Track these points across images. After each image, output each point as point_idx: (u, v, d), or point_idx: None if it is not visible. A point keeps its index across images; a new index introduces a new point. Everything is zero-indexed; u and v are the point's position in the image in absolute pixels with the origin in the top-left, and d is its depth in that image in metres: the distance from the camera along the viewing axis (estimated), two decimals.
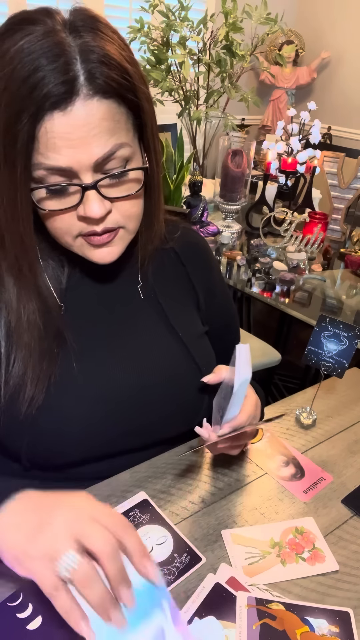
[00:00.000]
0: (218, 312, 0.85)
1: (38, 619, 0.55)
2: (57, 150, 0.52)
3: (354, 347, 0.84)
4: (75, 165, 0.53)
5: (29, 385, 0.63)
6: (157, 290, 0.75)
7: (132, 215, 0.62)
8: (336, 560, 0.65)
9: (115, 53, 0.53)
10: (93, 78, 0.51)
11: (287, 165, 1.87)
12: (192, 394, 0.74)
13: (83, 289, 0.70)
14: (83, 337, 0.68)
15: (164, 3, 1.90)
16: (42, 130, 0.51)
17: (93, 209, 0.56)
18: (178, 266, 0.79)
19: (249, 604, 0.58)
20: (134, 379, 0.70)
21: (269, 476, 0.78)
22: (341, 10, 3.13)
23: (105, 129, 0.53)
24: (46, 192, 0.56)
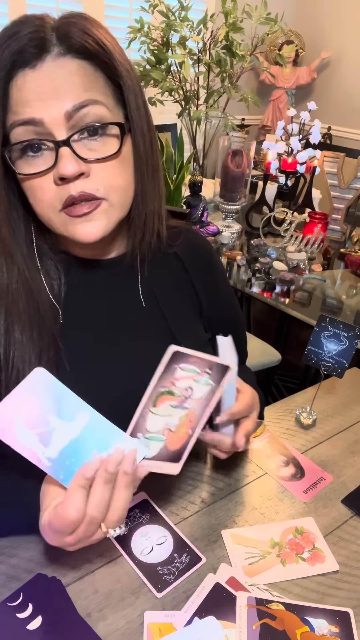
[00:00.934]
0: (222, 317, 0.82)
1: (38, 619, 0.55)
2: (28, 104, 0.53)
3: (354, 347, 0.84)
4: (46, 117, 0.53)
5: None
6: (159, 298, 0.73)
7: (114, 185, 0.59)
8: (336, 560, 0.65)
9: (93, 25, 0.55)
10: (66, 38, 0.53)
11: (287, 165, 1.87)
12: None
13: (82, 295, 0.68)
14: (79, 345, 0.66)
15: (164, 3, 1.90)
16: (14, 87, 0.53)
17: (66, 167, 0.54)
18: (181, 273, 0.77)
19: (249, 604, 0.58)
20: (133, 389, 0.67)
21: (269, 476, 0.78)
22: (341, 10, 3.13)
23: (79, 84, 0.54)
24: (21, 152, 0.55)
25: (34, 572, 0.60)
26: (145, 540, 0.64)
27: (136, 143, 0.61)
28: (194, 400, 0.56)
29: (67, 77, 0.53)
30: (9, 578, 0.59)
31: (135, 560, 0.62)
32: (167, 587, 0.59)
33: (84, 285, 0.69)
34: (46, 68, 0.53)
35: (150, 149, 0.63)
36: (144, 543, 0.64)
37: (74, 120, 0.54)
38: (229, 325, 0.85)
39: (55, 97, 0.53)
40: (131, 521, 0.67)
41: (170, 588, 0.59)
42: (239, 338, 0.90)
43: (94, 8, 2.44)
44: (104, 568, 0.61)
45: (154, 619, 0.56)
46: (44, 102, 0.53)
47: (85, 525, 0.51)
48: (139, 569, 0.61)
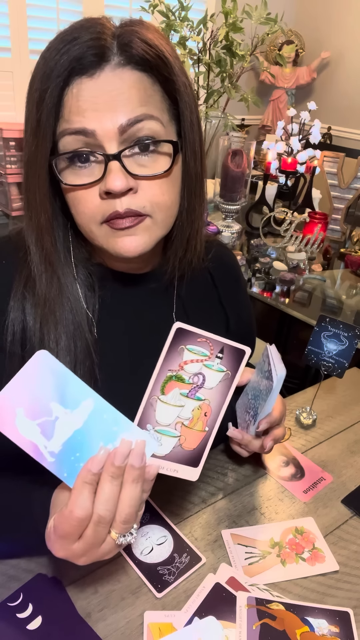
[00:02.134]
0: (243, 330, 0.83)
1: (38, 619, 0.55)
2: (82, 113, 0.51)
3: (354, 347, 0.84)
4: (99, 130, 0.51)
5: None
6: (190, 315, 0.72)
7: (160, 203, 0.57)
8: (336, 561, 0.65)
9: (155, 36, 0.53)
10: (127, 48, 0.51)
11: (287, 165, 1.87)
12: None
13: (115, 308, 0.67)
14: (111, 360, 0.64)
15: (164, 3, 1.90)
16: (69, 94, 0.51)
17: (115, 182, 0.52)
18: (210, 288, 0.76)
19: (249, 604, 0.58)
20: None
21: (269, 476, 0.78)
22: (341, 10, 3.13)
23: (135, 97, 0.52)
24: (69, 163, 0.54)
25: (34, 572, 0.60)
26: (145, 540, 0.64)
27: (187, 161, 0.59)
28: (207, 391, 0.54)
29: (124, 89, 0.52)
30: (9, 578, 0.59)
31: (135, 560, 0.62)
32: (167, 587, 0.59)
33: (118, 299, 0.67)
34: (104, 78, 0.51)
35: (200, 166, 0.61)
36: (144, 543, 0.64)
37: (127, 135, 0.53)
38: (247, 337, 0.84)
39: (111, 109, 0.51)
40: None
41: (170, 588, 0.59)
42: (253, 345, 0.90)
43: (94, 8, 2.44)
44: (104, 568, 0.61)
45: (154, 619, 0.56)
46: (99, 113, 0.51)
47: (93, 525, 0.47)
48: (139, 569, 0.61)
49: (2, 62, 2.26)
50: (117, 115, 0.51)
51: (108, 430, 0.48)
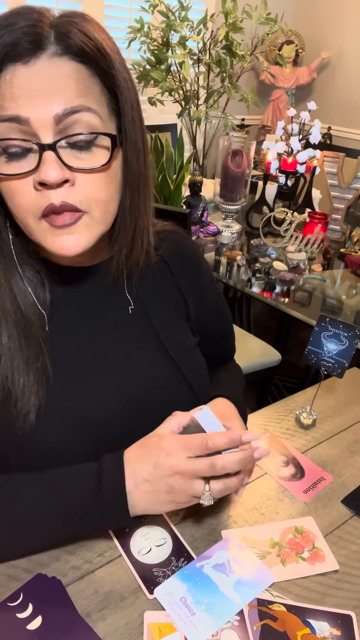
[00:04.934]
0: (210, 319, 0.81)
1: (38, 619, 0.55)
2: (15, 100, 0.49)
3: (354, 347, 0.84)
4: (33, 117, 0.50)
5: (21, 396, 0.60)
6: (146, 304, 0.71)
7: (97, 199, 0.56)
8: (336, 560, 0.65)
9: (94, 29, 0.52)
10: (65, 38, 0.50)
11: (287, 165, 1.87)
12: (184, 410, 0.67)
13: (67, 302, 0.66)
14: (66, 353, 0.64)
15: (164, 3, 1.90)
16: (2, 80, 0.50)
17: (49, 172, 0.50)
18: (167, 276, 0.75)
19: (250, 605, 0.58)
20: (121, 399, 0.66)
21: (269, 476, 0.78)
22: (341, 10, 3.13)
23: (72, 88, 0.51)
24: (1, 151, 0.52)
25: (34, 572, 0.59)
26: (144, 540, 0.64)
27: (127, 157, 0.58)
28: None
29: (61, 78, 0.50)
30: (9, 578, 0.59)
31: (132, 559, 0.62)
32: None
33: (68, 293, 0.66)
34: (40, 66, 0.50)
35: (143, 164, 0.60)
36: (143, 543, 0.64)
37: (63, 125, 0.51)
38: (218, 324, 0.85)
39: (46, 97, 0.50)
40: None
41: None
42: (229, 337, 0.90)
43: (94, 8, 2.44)
44: (104, 568, 0.61)
45: (154, 619, 0.56)
46: (33, 101, 0.49)
47: (209, 463, 0.55)
48: (134, 568, 0.61)
49: None
50: (53, 104, 0.50)
51: None
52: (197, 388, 0.72)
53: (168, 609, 0.56)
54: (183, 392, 0.71)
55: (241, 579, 0.60)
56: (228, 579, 0.60)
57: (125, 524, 0.64)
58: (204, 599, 0.58)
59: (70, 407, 0.63)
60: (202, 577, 0.60)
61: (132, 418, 0.67)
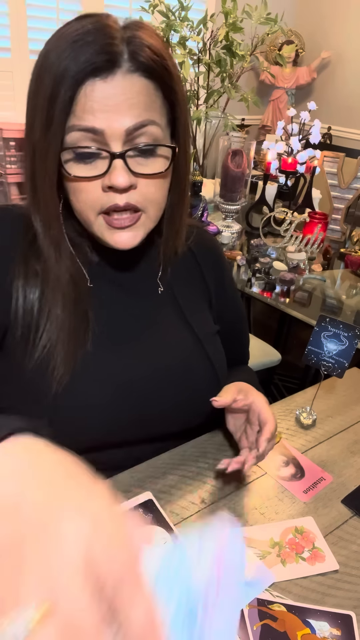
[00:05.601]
0: (227, 311, 0.86)
1: None
2: (93, 113, 0.56)
3: (354, 347, 0.84)
4: (107, 130, 0.56)
5: (59, 361, 0.64)
6: (175, 287, 0.78)
7: (154, 200, 0.63)
8: (336, 560, 0.65)
9: (159, 45, 0.59)
10: (136, 56, 0.56)
11: (287, 165, 1.87)
12: (204, 386, 0.76)
13: (107, 275, 0.72)
14: (103, 321, 0.70)
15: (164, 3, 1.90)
16: (82, 93, 0.55)
17: (119, 178, 0.58)
18: (193, 265, 0.81)
19: (250, 605, 0.58)
20: (149, 367, 0.72)
21: (269, 476, 0.78)
22: (341, 10, 3.13)
23: (142, 103, 0.57)
24: (75, 156, 0.58)
25: None
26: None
27: (178, 161, 0.65)
28: None
29: (133, 95, 0.56)
30: None
31: None
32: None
33: (108, 265, 0.72)
34: (116, 83, 0.56)
35: (187, 165, 0.68)
36: None
37: (131, 136, 0.58)
38: (234, 322, 0.90)
39: (120, 112, 0.56)
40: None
41: None
42: (243, 339, 0.95)
43: (94, 8, 2.44)
44: None
45: None
46: (108, 114, 0.56)
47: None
48: None
49: (2, 62, 2.26)
50: (125, 119, 0.57)
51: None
52: (218, 366, 0.78)
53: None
54: (205, 368, 0.76)
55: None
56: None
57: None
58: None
59: (102, 372, 0.68)
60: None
61: (158, 384, 0.72)
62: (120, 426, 0.70)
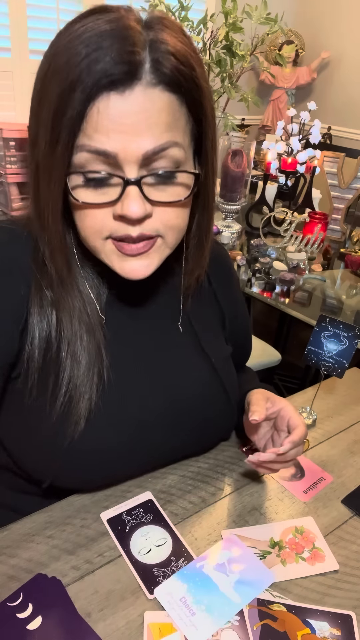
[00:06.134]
0: (238, 325, 0.83)
1: (38, 619, 0.55)
2: (106, 133, 0.47)
3: (354, 347, 0.84)
4: (122, 154, 0.48)
5: (80, 403, 0.59)
6: (191, 313, 0.72)
7: (174, 227, 0.55)
8: (336, 560, 0.65)
9: (186, 52, 0.49)
10: (159, 66, 0.47)
11: (287, 165, 1.87)
12: (219, 417, 0.74)
13: (121, 306, 0.66)
14: (117, 356, 0.64)
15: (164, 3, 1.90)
16: (94, 109, 0.47)
17: (132, 207, 0.50)
18: (205, 285, 0.75)
19: (251, 605, 0.58)
20: (164, 402, 0.68)
21: (269, 476, 0.78)
22: (341, 10, 3.13)
23: (163, 123, 0.48)
24: (83, 180, 0.50)
25: (34, 572, 0.59)
26: (144, 540, 0.64)
27: (205, 182, 0.57)
28: None
29: (153, 112, 0.48)
30: (9, 578, 0.59)
31: (132, 559, 0.62)
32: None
33: (123, 294, 0.66)
34: (134, 98, 0.47)
35: (213, 184, 0.59)
36: (143, 543, 0.64)
37: (149, 161, 0.50)
38: (242, 333, 0.86)
39: (137, 133, 0.48)
40: (134, 520, 0.67)
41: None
42: (247, 343, 0.92)
43: None
44: (104, 568, 0.61)
45: (154, 619, 0.56)
46: (124, 136, 0.47)
47: None
48: (134, 568, 0.61)
49: (2, 62, 2.26)
50: (143, 141, 0.48)
51: None
52: (232, 395, 0.74)
53: (168, 609, 0.56)
54: (220, 398, 0.73)
55: (241, 578, 0.60)
56: (228, 578, 0.60)
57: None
58: (204, 599, 0.58)
59: (118, 411, 0.64)
60: (202, 577, 0.60)
61: (175, 420, 0.69)
62: (135, 463, 0.70)
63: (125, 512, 0.68)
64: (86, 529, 0.65)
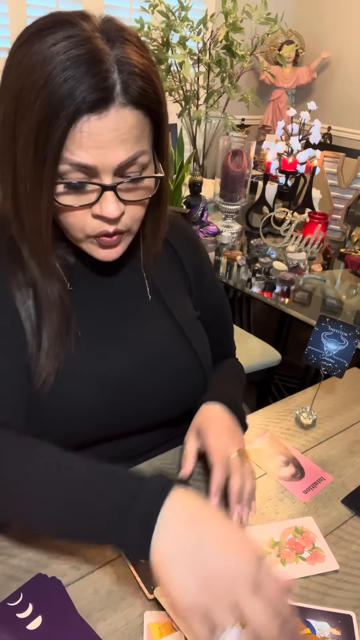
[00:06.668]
0: (207, 294, 0.87)
1: (38, 619, 0.55)
2: (85, 149, 0.55)
3: (354, 347, 0.84)
4: (100, 165, 0.57)
5: (47, 363, 0.66)
6: (157, 280, 0.79)
7: (139, 219, 0.66)
8: (336, 560, 0.65)
9: (148, 67, 0.57)
10: (128, 88, 0.55)
11: (287, 165, 1.87)
12: (188, 374, 0.78)
13: (87, 273, 0.73)
14: (84, 319, 0.71)
15: (164, 3, 1.90)
16: (77, 130, 0.54)
17: (109, 209, 0.59)
18: (170, 254, 0.82)
19: None
20: (132, 360, 0.73)
21: (269, 476, 0.78)
22: (341, 10, 3.13)
23: (133, 136, 0.57)
24: (64, 187, 0.58)
25: (34, 572, 0.59)
26: None
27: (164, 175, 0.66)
28: None
29: (126, 130, 0.56)
30: (9, 578, 0.59)
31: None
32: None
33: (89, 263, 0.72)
34: (110, 119, 0.55)
35: (167, 171, 0.67)
36: None
37: (122, 169, 0.59)
38: (214, 308, 0.90)
39: (112, 147, 0.56)
40: None
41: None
42: (225, 326, 0.95)
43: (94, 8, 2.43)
44: (104, 568, 0.61)
45: (154, 619, 0.56)
46: (101, 151, 0.56)
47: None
48: (134, 568, 0.61)
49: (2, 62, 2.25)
50: (118, 154, 0.57)
51: None
52: (200, 353, 0.78)
53: (168, 609, 0.56)
54: (188, 354, 0.78)
55: None
56: None
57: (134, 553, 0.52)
58: None
59: (86, 373, 0.70)
60: None
61: (142, 375, 0.74)
62: (108, 422, 0.72)
63: None
64: None
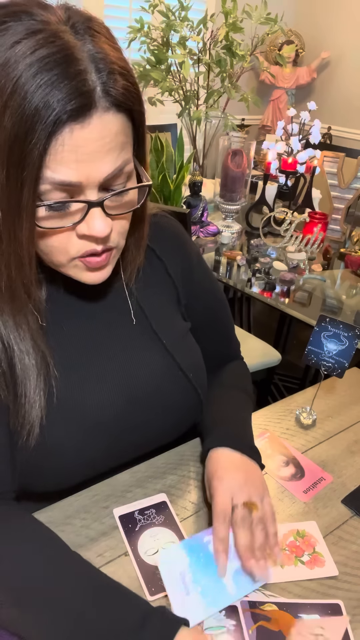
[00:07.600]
0: (199, 298, 0.80)
1: None
2: (67, 164, 0.48)
3: (354, 347, 0.84)
4: (85, 181, 0.50)
5: (28, 415, 0.60)
6: (139, 296, 0.72)
7: (125, 232, 0.59)
8: (336, 561, 0.65)
9: (124, 63, 0.51)
10: (109, 89, 0.48)
11: (287, 165, 1.87)
12: (180, 402, 0.73)
13: (62, 304, 0.66)
14: (64, 357, 0.64)
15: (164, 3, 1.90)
16: (58, 143, 0.47)
17: (98, 227, 0.52)
18: (154, 263, 0.74)
19: (244, 609, 0.58)
20: (120, 397, 0.67)
21: (269, 476, 0.78)
22: (341, 10, 3.13)
23: (119, 144, 0.51)
24: (47, 209, 0.51)
25: None
26: (153, 541, 0.64)
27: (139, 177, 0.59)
28: None
29: (112, 138, 0.50)
30: None
31: (138, 558, 0.62)
32: (160, 593, 0.58)
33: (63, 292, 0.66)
34: (93, 126, 0.48)
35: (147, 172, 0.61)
36: (151, 544, 0.64)
37: (108, 182, 0.52)
38: (209, 308, 0.83)
39: (98, 159, 0.49)
40: (145, 519, 0.67)
41: (161, 595, 0.58)
42: (224, 327, 0.87)
43: (94, 8, 2.43)
44: (104, 568, 0.61)
45: None
46: (85, 164, 0.49)
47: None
48: (139, 567, 0.61)
49: None
50: (104, 166, 0.50)
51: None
52: (193, 376, 0.73)
53: (165, 581, 0.57)
54: (179, 381, 0.72)
55: (241, 568, 0.60)
56: (230, 563, 0.60)
57: None
58: (202, 579, 0.58)
59: (73, 415, 0.64)
60: (205, 554, 0.60)
61: (133, 413, 0.68)
62: (101, 463, 0.69)
63: (137, 511, 0.68)
64: (86, 529, 0.65)
